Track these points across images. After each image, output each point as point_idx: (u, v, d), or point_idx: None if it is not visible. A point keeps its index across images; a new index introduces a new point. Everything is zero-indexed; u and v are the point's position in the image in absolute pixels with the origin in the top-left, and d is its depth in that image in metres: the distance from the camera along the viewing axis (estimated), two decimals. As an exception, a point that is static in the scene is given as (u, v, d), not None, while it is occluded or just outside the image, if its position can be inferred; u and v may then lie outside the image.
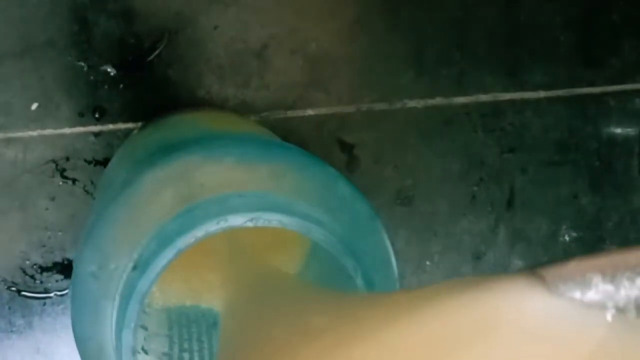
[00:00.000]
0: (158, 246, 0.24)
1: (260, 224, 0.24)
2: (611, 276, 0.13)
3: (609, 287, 0.13)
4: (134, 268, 0.24)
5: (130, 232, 0.26)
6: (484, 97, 0.49)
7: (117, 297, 0.25)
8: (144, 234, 0.26)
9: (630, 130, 0.52)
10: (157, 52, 0.46)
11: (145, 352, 0.31)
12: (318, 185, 0.27)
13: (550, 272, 0.13)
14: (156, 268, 0.24)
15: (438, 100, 0.49)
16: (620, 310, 0.12)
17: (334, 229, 0.25)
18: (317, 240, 0.24)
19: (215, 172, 0.28)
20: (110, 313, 0.26)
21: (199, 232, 0.24)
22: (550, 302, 0.13)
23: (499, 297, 0.13)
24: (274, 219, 0.24)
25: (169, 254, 0.24)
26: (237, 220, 0.24)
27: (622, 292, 0.13)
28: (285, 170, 0.27)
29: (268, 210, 0.24)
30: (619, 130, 0.52)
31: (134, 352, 0.24)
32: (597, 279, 0.13)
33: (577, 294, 0.13)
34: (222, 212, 0.24)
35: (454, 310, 0.14)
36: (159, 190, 0.27)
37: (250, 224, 0.24)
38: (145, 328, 0.32)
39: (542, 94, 0.50)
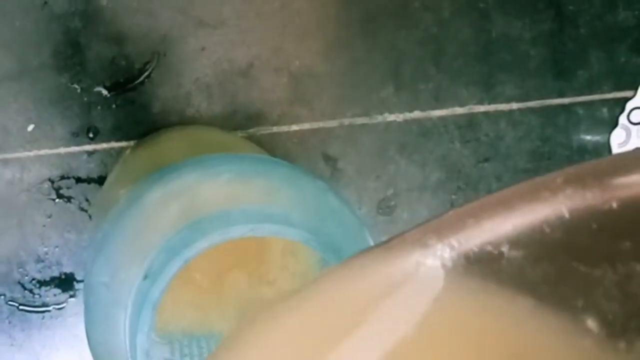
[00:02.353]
0: (167, 257, 0.27)
1: (259, 234, 0.27)
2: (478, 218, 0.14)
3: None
4: (145, 277, 0.27)
5: (138, 245, 0.29)
6: (460, 110, 0.52)
7: (129, 305, 0.28)
8: (151, 247, 0.28)
9: (599, 138, 0.55)
10: (147, 73, 0.49)
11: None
12: (310, 197, 0.30)
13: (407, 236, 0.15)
14: (166, 277, 0.26)
15: (416, 114, 0.52)
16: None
17: (326, 237, 0.28)
18: (312, 248, 0.27)
19: (214, 188, 0.30)
20: (122, 320, 0.28)
21: (204, 243, 0.27)
22: (418, 261, 0.14)
23: (382, 264, 0.15)
24: (272, 230, 0.27)
25: (177, 263, 0.26)
26: (238, 231, 0.27)
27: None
28: (279, 185, 0.30)
29: (267, 221, 0.27)
30: (588, 138, 0.55)
31: (148, 355, 0.26)
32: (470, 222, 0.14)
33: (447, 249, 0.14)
34: (224, 224, 0.27)
35: (343, 284, 0.15)
36: (163, 207, 0.30)
37: (250, 234, 0.27)
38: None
39: (514, 105, 0.53)
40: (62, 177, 0.49)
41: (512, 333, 0.13)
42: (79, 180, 0.50)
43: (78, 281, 0.50)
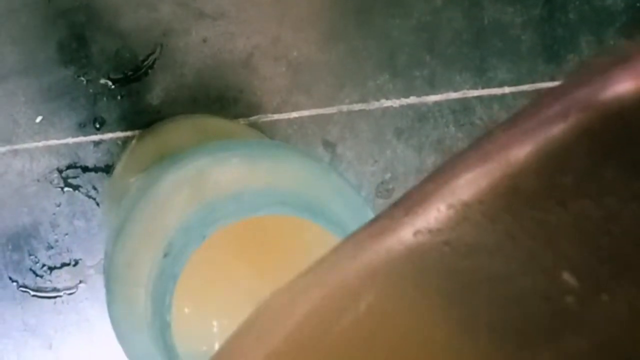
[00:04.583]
0: (185, 235, 0.30)
1: (270, 212, 0.29)
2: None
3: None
4: (165, 255, 0.30)
5: (156, 228, 0.32)
6: (454, 95, 0.55)
7: (150, 282, 0.30)
8: (168, 228, 0.31)
9: (589, 120, 0.58)
10: (151, 64, 0.51)
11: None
12: (315, 178, 0.33)
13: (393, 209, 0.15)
14: (186, 253, 0.29)
15: (412, 99, 0.55)
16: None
17: (333, 215, 0.30)
18: (322, 225, 0.29)
19: (224, 171, 0.33)
20: (142, 296, 0.31)
21: (220, 221, 0.29)
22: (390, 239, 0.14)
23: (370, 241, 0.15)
24: (283, 209, 0.29)
25: (195, 240, 0.29)
26: (251, 210, 0.29)
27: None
28: (285, 167, 0.33)
29: (277, 200, 0.30)
30: (579, 120, 0.57)
31: (168, 326, 0.29)
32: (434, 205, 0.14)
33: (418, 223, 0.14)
34: (237, 204, 0.30)
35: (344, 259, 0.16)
36: (177, 191, 0.33)
37: (263, 213, 0.29)
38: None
39: (507, 89, 0.56)
40: (70, 167, 0.52)
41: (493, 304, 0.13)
42: (86, 169, 0.52)
43: (88, 267, 0.53)
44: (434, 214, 0.14)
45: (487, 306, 0.13)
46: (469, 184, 0.14)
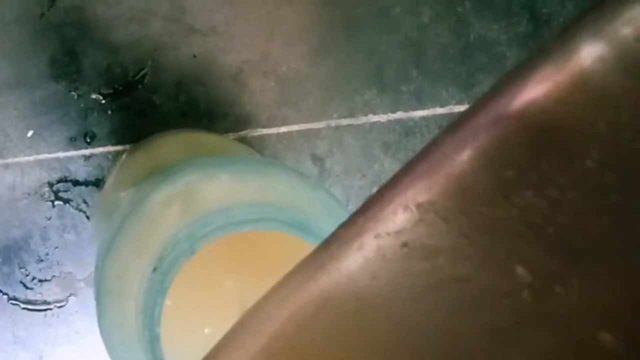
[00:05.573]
0: (173, 250, 0.30)
1: (259, 228, 0.30)
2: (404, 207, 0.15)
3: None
4: (154, 270, 0.30)
5: (146, 242, 0.32)
6: (440, 110, 0.56)
7: (140, 295, 0.31)
8: (158, 242, 0.32)
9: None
10: (141, 79, 0.52)
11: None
12: (302, 194, 0.33)
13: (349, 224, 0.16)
14: (175, 268, 0.29)
15: (399, 114, 0.55)
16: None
17: (319, 230, 0.31)
18: (309, 240, 0.30)
19: (214, 187, 0.34)
20: (132, 308, 0.31)
21: (208, 237, 0.30)
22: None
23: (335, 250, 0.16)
24: (271, 225, 0.30)
25: (183, 255, 0.30)
26: (240, 226, 0.30)
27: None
28: (274, 183, 0.33)
29: (265, 216, 0.30)
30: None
31: (157, 338, 0.30)
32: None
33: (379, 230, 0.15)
34: (226, 220, 0.30)
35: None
36: (167, 206, 0.33)
37: (251, 229, 0.30)
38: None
39: (493, 104, 0.57)
40: (61, 181, 0.52)
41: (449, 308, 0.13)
42: (76, 183, 0.53)
43: (78, 280, 0.53)
44: (392, 217, 0.15)
45: (448, 309, 0.13)
46: (422, 188, 0.15)
